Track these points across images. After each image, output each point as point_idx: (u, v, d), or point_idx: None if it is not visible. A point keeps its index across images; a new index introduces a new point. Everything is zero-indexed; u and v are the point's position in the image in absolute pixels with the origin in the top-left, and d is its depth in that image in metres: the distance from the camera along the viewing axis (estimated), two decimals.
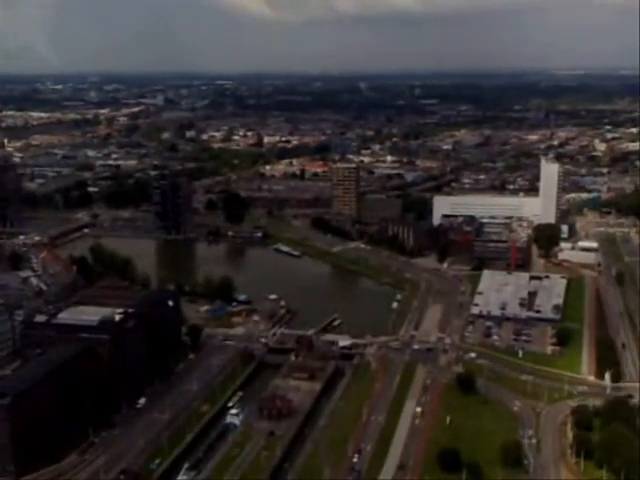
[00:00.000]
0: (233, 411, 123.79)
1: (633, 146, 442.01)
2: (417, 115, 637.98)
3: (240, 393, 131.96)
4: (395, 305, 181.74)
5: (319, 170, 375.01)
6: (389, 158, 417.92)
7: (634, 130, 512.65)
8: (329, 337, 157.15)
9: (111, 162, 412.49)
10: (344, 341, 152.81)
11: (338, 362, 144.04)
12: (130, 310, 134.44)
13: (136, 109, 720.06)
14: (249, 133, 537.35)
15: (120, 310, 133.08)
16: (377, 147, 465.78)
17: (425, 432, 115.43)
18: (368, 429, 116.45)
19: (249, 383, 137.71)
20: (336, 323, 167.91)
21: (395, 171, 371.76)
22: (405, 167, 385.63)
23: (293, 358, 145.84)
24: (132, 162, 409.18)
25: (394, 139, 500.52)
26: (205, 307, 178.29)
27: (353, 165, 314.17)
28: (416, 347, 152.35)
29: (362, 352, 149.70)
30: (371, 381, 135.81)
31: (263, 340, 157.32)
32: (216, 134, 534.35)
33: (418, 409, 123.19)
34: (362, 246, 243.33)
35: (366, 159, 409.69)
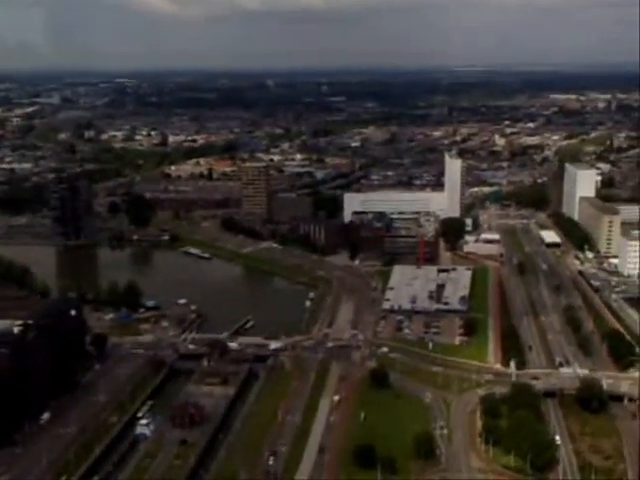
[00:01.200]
0: (143, 421, 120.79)
1: (531, 140, 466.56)
2: (325, 113, 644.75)
3: (150, 402, 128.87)
4: (308, 304, 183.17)
5: (228, 170, 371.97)
6: (299, 156, 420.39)
7: (531, 125, 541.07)
8: (247, 340, 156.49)
9: (5, 166, 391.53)
10: (276, 343, 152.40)
11: (252, 365, 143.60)
12: (30, 321, 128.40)
13: (30, 109, 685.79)
14: (153, 132, 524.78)
15: (19, 322, 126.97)
16: (286, 145, 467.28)
17: (340, 429, 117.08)
18: (283, 430, 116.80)
19: (160, 391, 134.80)
20: (249, 325, 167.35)
21: (305, 169, 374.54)
22: (315, 165, 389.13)
23: (205, 363, 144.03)
24: (27, 165, 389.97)
25: (303, 137, 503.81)
26: (110, 315, 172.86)
27: (263, 164, 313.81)
28: (330, 345, 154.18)
29: (276, 353, 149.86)
30: (286, 382, 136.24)
31: (173, 346, 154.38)
32: (117, 134, 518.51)
33: (333, 407, 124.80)
34: (274, 246, 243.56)
35: (276, 157, 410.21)
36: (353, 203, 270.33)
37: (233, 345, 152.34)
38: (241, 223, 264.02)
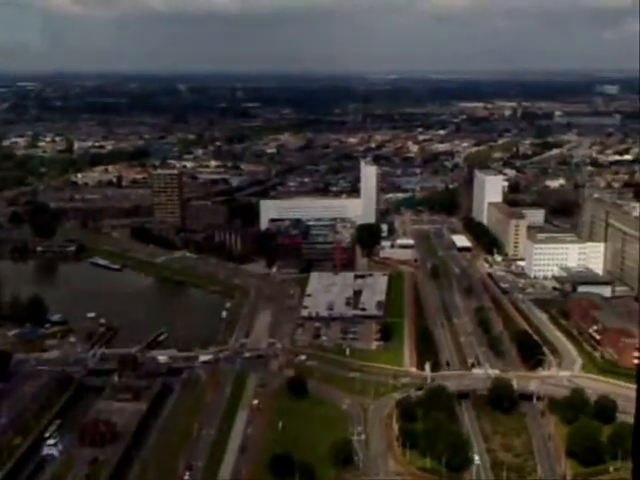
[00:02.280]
0: (50, 441, 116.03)
1: (442, 147, 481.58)
2: (240, 118, 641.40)
3: (58, 421, 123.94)
4: (224, 314, 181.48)
5: (138, 177, 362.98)
6: (213, 163, 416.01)
7: (442, 132, 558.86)
8: (162, 353, 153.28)
9: None
10: (204, 356, 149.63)
11: (165, 379, 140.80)
12: None
13: None
14: (57, 138, 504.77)
15: None
16: (200, 152, 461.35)
17: (258, 440, 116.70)
18: (199, 444, 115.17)
19: (68, 409, 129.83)
20: (162, 338, 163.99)
21: (220, 176, 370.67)
22: (230, 172, 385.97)
23: (116, 379, 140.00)
24: None
25: (217, 143, 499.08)
26: (13, 331, 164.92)
27: (175, 171, 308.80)
28: (247, 355, 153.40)
29: (191, 366, 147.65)
30: (201, 395, 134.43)
31: (82, 362, 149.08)
32: (19, 140, 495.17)
33: (250, 418, 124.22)
34: (188, 255, 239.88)
35: (189, 164, 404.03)
36: (270, 210, 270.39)
37: (162, 358, 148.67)
38: (153, 232, 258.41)
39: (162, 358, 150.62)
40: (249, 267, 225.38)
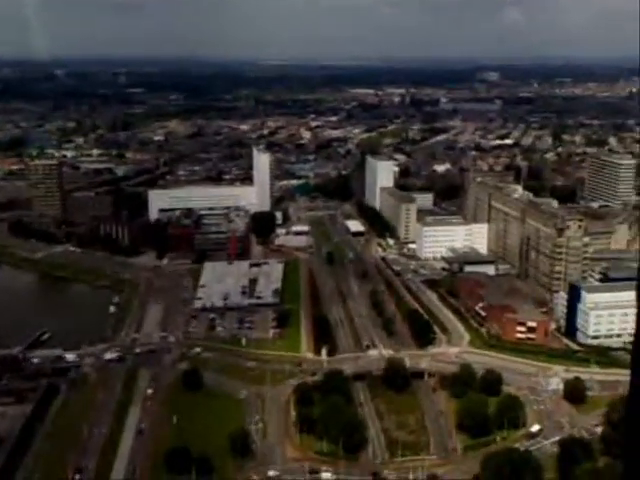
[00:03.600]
0: None
1: (335, 133, 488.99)
2: (123, 105, 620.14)
3: None
4: (113, 309, 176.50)
5: (14, 168, 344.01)
6: (95, 152, 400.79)
7: (334, 118, 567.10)
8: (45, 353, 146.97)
9: None
10: (110, 354, 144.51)
11: (51, 379, 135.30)
12: None
13: None
14: None
15: None
16: (81, 140, 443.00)
17: (152, 436, 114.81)
18: (90, 445, 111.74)
19: None
20: (45, 337, 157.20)
21: (104, 165, 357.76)
22: (114, 161, 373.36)
23: None
24: None
25: (99, 131, 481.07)
26: None
27: (54, 161, 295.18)
28: (138, 350, 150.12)
29: (78, 364, 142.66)
30: (90, 394, 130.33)
31: None
32: None
33: (143, 414, 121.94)
34: (72, 249, 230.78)
35: (69, 153, 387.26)
36: (159, 200, 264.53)
37: (46, 357, 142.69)
38: (32, 226, 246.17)
39: (45, 357, 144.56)
40: (138, 260, 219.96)
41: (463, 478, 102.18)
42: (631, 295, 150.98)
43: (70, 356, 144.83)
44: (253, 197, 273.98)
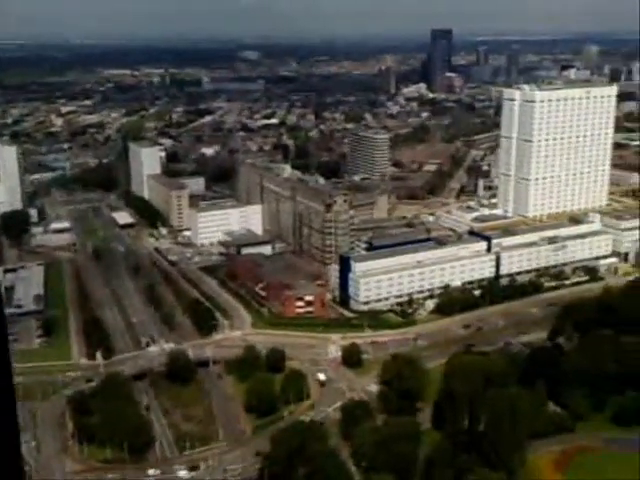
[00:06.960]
0: None
1: (91, 119, 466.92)
2: None
3: None
4: None
5: None
6: None
7: (88, 102, 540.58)
8: None
9: None
10: None
11: None
12: None
13: None
14: None
15: None
16: None
17: None
18: None
19: None
20: None
21: None
22: None
23: None
24: None
25: None
26: None
27: None
28: None
29: None
30: None
31: None
32: None
33: None
34: None
35: None
36: None
37: None
38: None
39: None
40: None
41: (254, 459, 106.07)
42: (393, 261, 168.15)
43: None
44: (1, 196, 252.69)
